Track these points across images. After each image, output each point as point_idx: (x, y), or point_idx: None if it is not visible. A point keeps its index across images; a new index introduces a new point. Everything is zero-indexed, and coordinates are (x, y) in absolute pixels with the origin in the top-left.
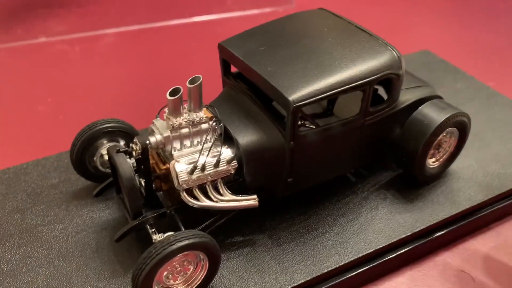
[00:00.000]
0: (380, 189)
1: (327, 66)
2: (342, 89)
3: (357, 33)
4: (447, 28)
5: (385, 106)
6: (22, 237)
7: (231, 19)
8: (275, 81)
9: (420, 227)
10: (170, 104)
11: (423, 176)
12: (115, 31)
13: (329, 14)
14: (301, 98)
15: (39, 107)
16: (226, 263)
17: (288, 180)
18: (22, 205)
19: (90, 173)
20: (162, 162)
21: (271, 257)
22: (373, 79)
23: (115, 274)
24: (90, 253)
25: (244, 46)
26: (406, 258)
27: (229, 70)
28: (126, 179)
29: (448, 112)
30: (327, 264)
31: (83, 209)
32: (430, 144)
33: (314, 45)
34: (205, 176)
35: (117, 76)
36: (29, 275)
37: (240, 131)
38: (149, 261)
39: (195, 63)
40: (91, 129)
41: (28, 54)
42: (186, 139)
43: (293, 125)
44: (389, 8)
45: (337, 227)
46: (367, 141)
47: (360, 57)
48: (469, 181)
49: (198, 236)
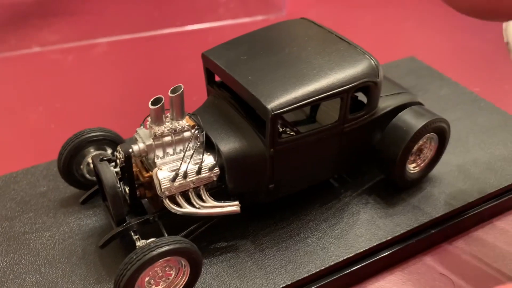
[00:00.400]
0: (362, 194)
1: (306, 75)
2: (320, 97)
3: (336, 42)
4: (433, 35)
5: (364, 113)
6: (10, 245)
7: (223, 28)
8: (255, 90)
9: (400, 231)
10: (152, 113)
11: (404, 181)
12: (108, 40)
13: (310, 24)
14: (280, 106)
15: (31, 116)
16: (209, 269)
17: (270, 186)
18: (10, 213)
19: (77, 181)
20: (146, 170)
21: (253, 262)
22: (351, 87)
23: (100, 280)
24: (76, 260)
25: (226, 55)
26: (387, 262)
27: (213, 79)
28: (109, 186)
29: (427, 118)
30: (308, 268)
31: (71, 217)
32: (409, 149)
33: (294, 54)
34: (188, 183)
35: (108, 85)
36: (16, 281)
37: (222, 138)
38: (130, 267)
39: (187, 72)
40: (78, 138)
41: (21, 63)
42: (168, 147)
43: (272, 133)
44: (376, 16)
45: (319, 232)
46: (347, 148)
47: (338, 65)
48: (449, 186)
49: (178, 242)
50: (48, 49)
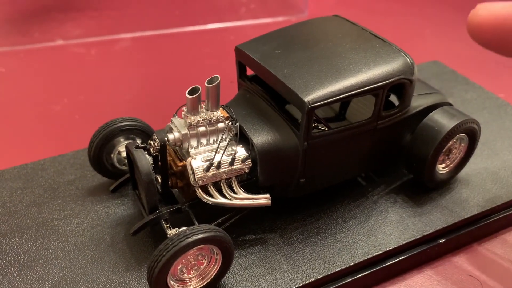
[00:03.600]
0: (390, 193)
1: (342, 70)
2: (356, 92)
3: (371, 39)
4: (455, 41)
5: (397, 110)
6: (39, 230)
7: (244, 27)
8: (291, 83)
9: (429, 231)
10: (189, 103)
11: (433, 181)
12: (130, 36)
13: (344, 21)
14: (316, 100)
15: (56, 107)
16: (238, 260)
17: (301, 180)
18: (39, 199)
19: (106, 170)
20: (179, 159)
21: (282, 256)
22: (387, 83)
23: (129, 267)
24: (105, 247)
25: (260, 49)
26: (415, 261)
27: (245, 72)
28: (145, 173)
29: (459, 118)
30: (337, 263)
31: (99, 205)
32: (440, 149)
33: (329, 49)
34: (220, 174)
35: (131, 78)
36: (45, 266)
37: (255, 131)
38: (166, 253)
39: (208, 68)
40: (110, 127)
41: (44, 56)
42: (202, 137)
43: (307, 126)
44: (397, 21)
45: (348, 228)
46: (378, 145)
47: (374, 61)
48: (477, 188)
49: (213, 230)
50: (71, 43)
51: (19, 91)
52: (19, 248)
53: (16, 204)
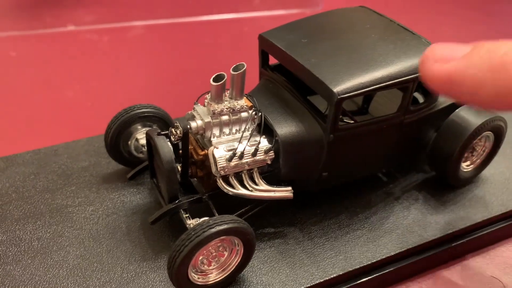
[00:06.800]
0: (412, 191)
1: (371, 61)
2: (386, 84)
3: (399, 31)
4: (477, 38)
5: (425, 105)
6: (53, 216)
7: (257, 18)
8: (319, 73)
9: (452, 230)
10: (213, 90)
11: (456, 179)
12: (143, 24)
13: (370, 12)
14: (346, 91)
15: (68, 93)
16: (258, 253)
17: (323, 174)
18: (52, 185)
19: (122, 157)
20: (200, 148)
21: (303, 250)
22: (417, 77)
23: (146, 257)
24: (120, 236)
25: (285, 38)
26: (437, 260)
27: (267, 61)
28: (166, 161)
29: (486, 116)
30: (359, 260)
31: (114, 193)
32: (466, 147)
33: (357, 40)
34: (243, 164)
35: (144, 66)
36: (59, 253)
37: (278, 122)
38: (188, 243)
39: (221, 58)
40: (128, 113)
41: (56, 41)
42: (225, 127)
43: (334, 118)
44: (412, 19)
45: (369, 224)
46: (403, 141)
47: (404, 53)
48: (501, 187)
49: (236, 222)
50: (84, 29)
51: (30, 76)
52: (32, 234)
53: (29, 189)
